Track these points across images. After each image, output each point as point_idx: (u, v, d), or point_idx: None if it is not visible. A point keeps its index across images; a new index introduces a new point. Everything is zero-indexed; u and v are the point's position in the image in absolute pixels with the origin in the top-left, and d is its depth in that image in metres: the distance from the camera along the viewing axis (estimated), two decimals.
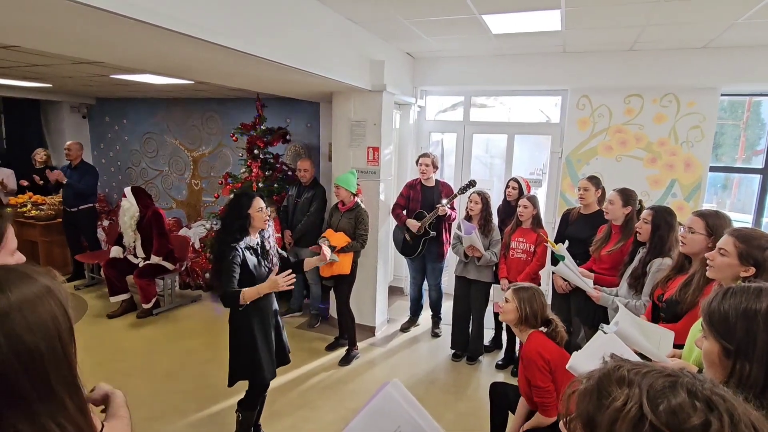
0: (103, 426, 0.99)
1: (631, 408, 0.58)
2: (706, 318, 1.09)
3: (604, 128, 4.38)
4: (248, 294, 2.33)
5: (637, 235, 2.67)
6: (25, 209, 5.39)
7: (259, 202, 2.48)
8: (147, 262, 4.54)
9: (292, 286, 2.42)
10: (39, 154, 5.73)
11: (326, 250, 2.79)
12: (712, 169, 4.33)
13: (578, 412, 0.64)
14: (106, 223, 6.07)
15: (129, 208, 4.42)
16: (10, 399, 0.62)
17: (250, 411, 2.64)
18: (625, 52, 4.09)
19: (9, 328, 0.63)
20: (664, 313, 2.20)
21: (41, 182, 5.54)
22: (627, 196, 2.98)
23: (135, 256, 4.64)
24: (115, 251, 4.63)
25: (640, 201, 3.07)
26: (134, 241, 4.54)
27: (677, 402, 0.58)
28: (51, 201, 5.56)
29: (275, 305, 2.66)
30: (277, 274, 2.41)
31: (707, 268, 1.75)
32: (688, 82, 3.99)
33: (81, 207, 5.27)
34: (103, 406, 1.13)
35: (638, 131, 4.28)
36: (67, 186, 5.18)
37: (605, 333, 1.81)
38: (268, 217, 2.54)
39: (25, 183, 5.66)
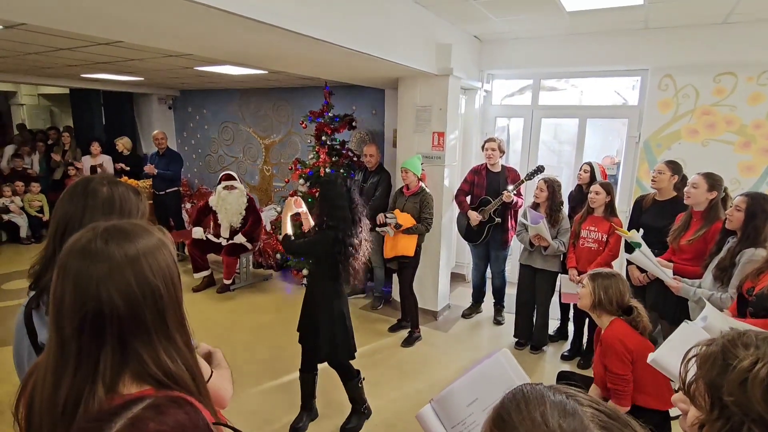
0: (212, 373, 1.14)
1: (761, 368, 0.57)
2: None
3: (689, 110, 4.05)
4: (284, 226, 2.66)
5: (726, 222, 2.49)
6: None
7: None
8: (231, 241, 4.90)
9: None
10: (117, 144, 6.32)
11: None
12: None
13: (701, 374, 0.64)
14: (188, 206, 6.60)
15: (242, 192, 4.88)
16: (136, 330, 0.75)
17: (355, 380, 2.82)
18: (716, 25, 3.74)
19: (138, 270, 0.76)
20: (753, 307, 2.05)
21: (128, 168, 6.14)
22: (713, 180, 2.77)
23: (216, 237, 5.02)
24: (197, 232, 5.03)
25: (726, 189, 2.85)
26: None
27: None
28: (142, 185, 6.14)
29: None
30: None
31: None
32: None
33: (168, 190, 5.84)
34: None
35: (729, 113, 3.92)
36: (157, 174, 5.73)
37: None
38: None
39: (119, 166, 6.26)
